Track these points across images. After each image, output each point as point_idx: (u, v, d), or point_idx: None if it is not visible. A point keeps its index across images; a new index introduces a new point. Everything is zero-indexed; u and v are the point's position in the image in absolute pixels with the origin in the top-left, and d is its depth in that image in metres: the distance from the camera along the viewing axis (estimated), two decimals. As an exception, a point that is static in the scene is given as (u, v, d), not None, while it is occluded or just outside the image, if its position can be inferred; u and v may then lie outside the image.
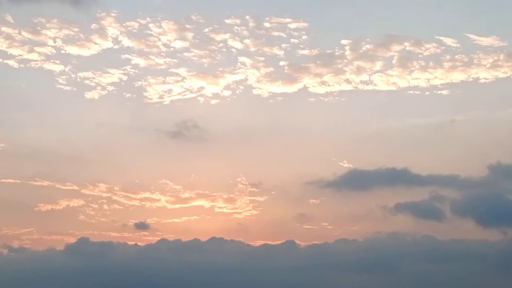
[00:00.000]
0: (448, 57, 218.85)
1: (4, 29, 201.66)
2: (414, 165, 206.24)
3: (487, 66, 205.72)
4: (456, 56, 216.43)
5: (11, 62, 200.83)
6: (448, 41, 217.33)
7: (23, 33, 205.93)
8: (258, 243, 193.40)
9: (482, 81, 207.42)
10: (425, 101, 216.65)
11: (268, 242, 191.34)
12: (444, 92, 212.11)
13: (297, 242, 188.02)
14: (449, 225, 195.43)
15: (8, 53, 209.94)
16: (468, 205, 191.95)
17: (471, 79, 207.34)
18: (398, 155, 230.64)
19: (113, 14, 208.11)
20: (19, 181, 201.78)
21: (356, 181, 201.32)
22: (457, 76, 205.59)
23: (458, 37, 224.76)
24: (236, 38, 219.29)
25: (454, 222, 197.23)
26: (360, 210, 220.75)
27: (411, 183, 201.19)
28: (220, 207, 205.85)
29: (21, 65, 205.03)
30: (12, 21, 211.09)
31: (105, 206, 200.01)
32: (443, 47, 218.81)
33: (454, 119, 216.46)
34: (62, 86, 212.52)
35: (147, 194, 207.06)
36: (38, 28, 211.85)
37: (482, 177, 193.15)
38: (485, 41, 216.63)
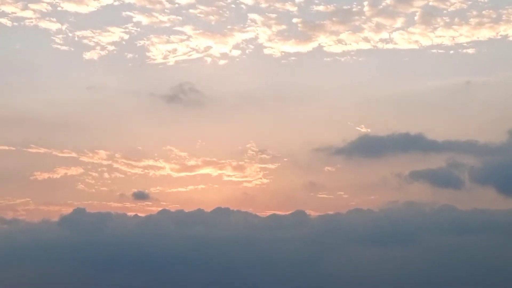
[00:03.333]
0: (474, 12, 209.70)
1: None
2: (428, 128, 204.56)
3: None
4: (483, 12, 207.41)
5: (3, 20, 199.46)
6: None
7: None
8: (267, 213, 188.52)
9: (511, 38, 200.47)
10: (449, 61, 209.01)
11: (277, 213, 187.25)
12: (470, 51, 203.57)
13: (307, 212, 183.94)
14: (469, 194, 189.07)
15: (0, 11, 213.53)
16: (489, 172, 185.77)
17: (499, 37, 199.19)
18: (413, 119, 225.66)
19: None
20: (13, 148, 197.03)
21: (368, 148, 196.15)
22: (485, 34, 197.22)
23: None
24: None
25: (474, 191, 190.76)
26: (373, 178, 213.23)
27: (427, 149, 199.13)
28: (228, 176, 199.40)
29: (15, 24, 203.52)
30: None
31: (106, 175, 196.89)
32: (470, 2, 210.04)
33: (477, 81, 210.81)
34: (59, 46, 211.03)
35: (151, 162, 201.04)
36: None
37: (502, 143, 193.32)
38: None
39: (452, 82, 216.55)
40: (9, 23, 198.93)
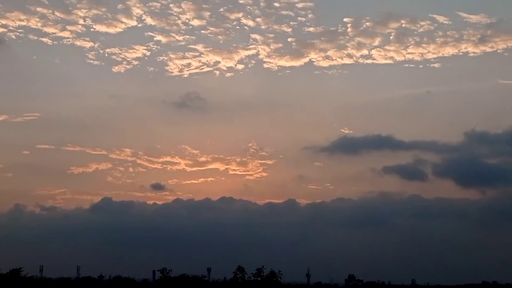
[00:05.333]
0: (440, 33, 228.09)
1: (39, 9, 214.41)
2: (397, 130, 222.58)
3: (476, 41, 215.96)
4: (447, 32, 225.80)
5: (45, 40, 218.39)
6: (441, 18, 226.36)
7: (56, 13, 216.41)
8: (264, 201, 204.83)
9: (471, 55, 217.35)
10: (418, 74, 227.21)
11: (272, 201, 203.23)
12: (436, 65, 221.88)
13: (298, 200, 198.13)
14: (431, 185, 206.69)
15: (43, 31, 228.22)
16: (448, 167, 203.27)
17: (461, 53, 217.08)
18: (385, 123, 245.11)
19: None
20: (53, 147, 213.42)
21: (348, 147, 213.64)
22: (448, 51, 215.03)
23: (450, 15, 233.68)
24: (249, 16, 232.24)
25: (436, 183, 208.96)
26: (353, 172, 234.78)
27: (396, 148, 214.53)
28: (233, 170, 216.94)
29: (55, 42, 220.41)
30: (46, 2, 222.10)
31: (130, 169, 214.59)
32: (436, 24, 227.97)
33: (440, 90, 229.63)
34: (92, 61, 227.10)
35: (168, 158, 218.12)
36: (70, 8, 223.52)
37: (459, 142, 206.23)
38: (474, 18, 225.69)
39: (419, 91, 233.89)
40: (50, 42, 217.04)
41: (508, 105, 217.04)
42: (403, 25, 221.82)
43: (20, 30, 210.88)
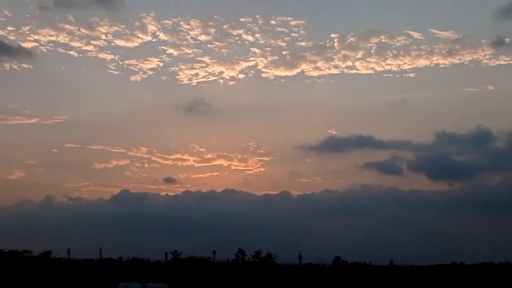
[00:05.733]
0: (415, 47, 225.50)
1: (66, 26, 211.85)
2: (377, 131, 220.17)
3: (445, 54, 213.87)
4: (421, 46, 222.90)
5: (72, 53, 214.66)
6: (415, 34, 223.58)
7: (81, 29, 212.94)
8: (261, 193, 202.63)
9: (441, 66, 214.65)
10: (395, 82, 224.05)
11: (269, 192, 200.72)
12: (411, 75, 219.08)
13: (291, 192, 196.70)
14: (406, 179, 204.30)
15: (70, 45, 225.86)
16: (420, 163, 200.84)
17: (432, 65, 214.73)
18: (366, 125, 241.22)
19: (152, 14, 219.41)
20: (79, 146, 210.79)
21: (334, 146, 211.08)
22: (422, 62, 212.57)
23: (423, 31, 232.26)
24: (248, 32, 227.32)
25: (410, 177, 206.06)
26: (338, 168, 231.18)
27: (376, 146, 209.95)
28: (235, 166, 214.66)
29: (80, 55, 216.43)
30: (73, 20, 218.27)
31: (146, 165, 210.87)
32: (411, 39, 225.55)
33: (415, 97, 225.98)
34: (112, 71, 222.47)
35: (178, 155, 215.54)
36: (93, 25, 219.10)
37: (430, 142, 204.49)
38: (444, 34, 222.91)
39: (396, 98, 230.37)
40: (76, 55, 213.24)
41: (473, 109, 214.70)
42: (383, 40, 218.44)
43: (50, 45, 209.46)
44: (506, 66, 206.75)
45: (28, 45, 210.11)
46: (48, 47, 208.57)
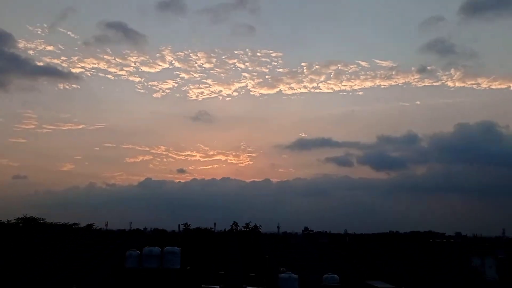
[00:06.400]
0: (362, 72, 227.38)
1: (105, 56, 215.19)
2: (334, 134, 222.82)
3: (385, 77, 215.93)
4: (367, 72, 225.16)
5: (109, 76, 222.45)
6: (363, 63, 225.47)
7: (116, 59, 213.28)
8: (250, 180, 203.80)
9: (382, 86, 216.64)
10: (349, 99, 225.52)
11: (255, 180, 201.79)
12: (360, 93, 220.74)
13: (272, 179, 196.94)
14: (356, 169, 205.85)
15: (108, 71, 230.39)
16: (366, 158, 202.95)
17: (375, 86, 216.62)
18: (326, 129, 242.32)
19: (169, 48, 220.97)
20: (114, 145, 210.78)
21: (303, 145, 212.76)
22: (367, 84, 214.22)
23: (368, 61, 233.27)
24: (241, 62, 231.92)
25: (359, 168, 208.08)
26: (307, 161, 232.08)
27: (334, 146, 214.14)
28: (230, 160, 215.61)
29: (116, 78, 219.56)
30: (110, 52, 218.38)
31: (164, 159, 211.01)
32: (360, 67, 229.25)
33: (361, 109, 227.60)
34: (139, 90, 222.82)
35: (188, 152, 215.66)
36: (125, 56, 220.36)
37: (372, 142, 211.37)
38: (384, 63, 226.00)
39: (348, 109, 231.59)
40: (112, 78, 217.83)
41: (404, 119, 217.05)
42: (339, 68, 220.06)
43: (93, 70, 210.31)
44: (428, 87, 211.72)
45: (76, 70, 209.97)
46: (91, 72, 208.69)
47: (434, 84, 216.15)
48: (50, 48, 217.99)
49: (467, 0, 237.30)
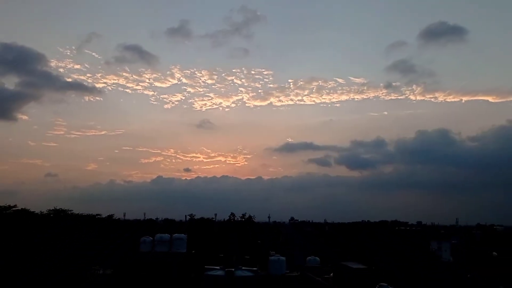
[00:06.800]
0: (340, 88, 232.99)
1: (124, 74, 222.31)
2: (315, 139, 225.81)
3: (358, 92, 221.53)
4: (344, 88, 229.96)
5: (127, 90, 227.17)
6: (340, 80, 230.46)
7: (133, 76, 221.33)
8: (245, 177, 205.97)
9: (355, 99, 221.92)
10: (328, 110, 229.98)
11: (249, 177, 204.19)
12: (337, 105, 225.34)
13: (263, 177, 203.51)
14: (334, 169, 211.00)
15: (126, 86, 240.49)
16: (342, 159, 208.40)
17: (350, 99, 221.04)
18: (309, 135, 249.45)
19: (177, 67, 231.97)
20: (131, 148, 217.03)
21: (290, 148, 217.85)
22: (343, 97, 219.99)
23: (345, 78, 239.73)
24: (238, 78, 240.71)
25: (336, 168, 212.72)
26: (286, 162, 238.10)
27: (315, 149, 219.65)
28: (229, 161, 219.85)
29: (132, 92, 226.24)
30: (128, 70, 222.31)
31: (173, 160, 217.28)
32: (337, 83, 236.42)
33: (338, 119, 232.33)
34: (153, 102, 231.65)
35: (193, 154, 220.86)
36: (141, 74, 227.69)
37: (347, 146, 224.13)
38: (357, 80, 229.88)
39: (327, 119, 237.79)
40: (130, 92, 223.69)
41: (374, 126, 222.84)
42: (320, 84, 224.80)
43: (114, 85, 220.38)
44: (394, 100, 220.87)
45: (99, 85, 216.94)
46: (112, 87, 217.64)
47: (399, 97, 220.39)
48: (77, 66, 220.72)
49: (425, 28, 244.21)
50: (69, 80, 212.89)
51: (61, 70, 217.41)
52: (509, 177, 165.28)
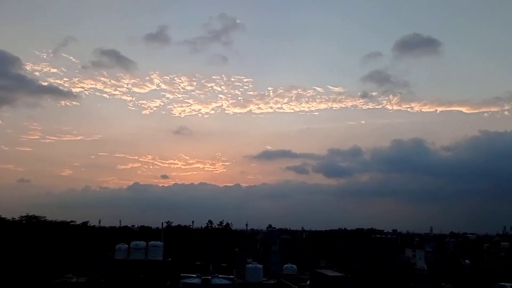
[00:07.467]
0: (318, 96, 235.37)
1: (102, 78, 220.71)
2: (294, 147, 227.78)
3: (336, 101, 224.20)
4: (322, 96, 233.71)
5: (105, 95, 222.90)
6: (319, 89, 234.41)
7: (111, 80, 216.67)
8: (223, 185, 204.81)
9: (334, 108, 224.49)
10: (306, 118, 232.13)
11: (227, 184, 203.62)
12: (316, 113, 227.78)
13: (241, 184, 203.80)
14: (312, 176, 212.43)
15: (103, 91, 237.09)
16: (320, 167, 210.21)
17: (328, 107, 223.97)
18: (287, 143, 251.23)
19: (156, 72, 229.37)
20: (108, 154, 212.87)
21: (268, 156, 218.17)
22: (322, 106, 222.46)
23: (323, 87, 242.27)
24: (217, 85, 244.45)
25: (314, 175, 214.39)
26: (270, 170, 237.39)
27: (293, 157, 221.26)
28: (207, 168, 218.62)
29: (109, 97, 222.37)
30: (106, 75, 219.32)
31: (150, 167, 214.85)
32: (316, 92, 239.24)
33: (316, 127, 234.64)
34: (131, 108, 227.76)
35: (171, 161, 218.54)
36: (119, 79, 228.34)
37: (325, 154, 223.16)
38: (335, 89, 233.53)
39: (305, 127, 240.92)
40: (107, 96, 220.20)
41: (351, 135, 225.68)
42: (299, 92, 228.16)
43: (91, 90, 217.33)
44: (371, 110, 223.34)
45: (76, 90, 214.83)
46: (89, 92, 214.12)
47: (376, 107, 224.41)
48: (54, 70, 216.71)
49: (399, 40, 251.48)
50: (45, 84, 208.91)
51: (37, 73, 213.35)
52: (482, 186, 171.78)
